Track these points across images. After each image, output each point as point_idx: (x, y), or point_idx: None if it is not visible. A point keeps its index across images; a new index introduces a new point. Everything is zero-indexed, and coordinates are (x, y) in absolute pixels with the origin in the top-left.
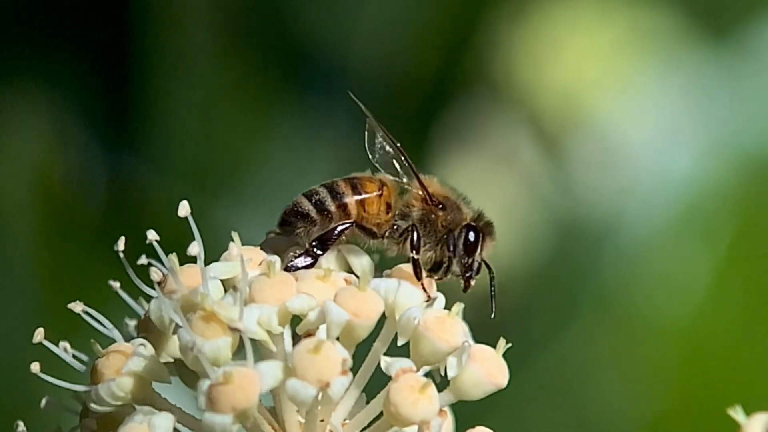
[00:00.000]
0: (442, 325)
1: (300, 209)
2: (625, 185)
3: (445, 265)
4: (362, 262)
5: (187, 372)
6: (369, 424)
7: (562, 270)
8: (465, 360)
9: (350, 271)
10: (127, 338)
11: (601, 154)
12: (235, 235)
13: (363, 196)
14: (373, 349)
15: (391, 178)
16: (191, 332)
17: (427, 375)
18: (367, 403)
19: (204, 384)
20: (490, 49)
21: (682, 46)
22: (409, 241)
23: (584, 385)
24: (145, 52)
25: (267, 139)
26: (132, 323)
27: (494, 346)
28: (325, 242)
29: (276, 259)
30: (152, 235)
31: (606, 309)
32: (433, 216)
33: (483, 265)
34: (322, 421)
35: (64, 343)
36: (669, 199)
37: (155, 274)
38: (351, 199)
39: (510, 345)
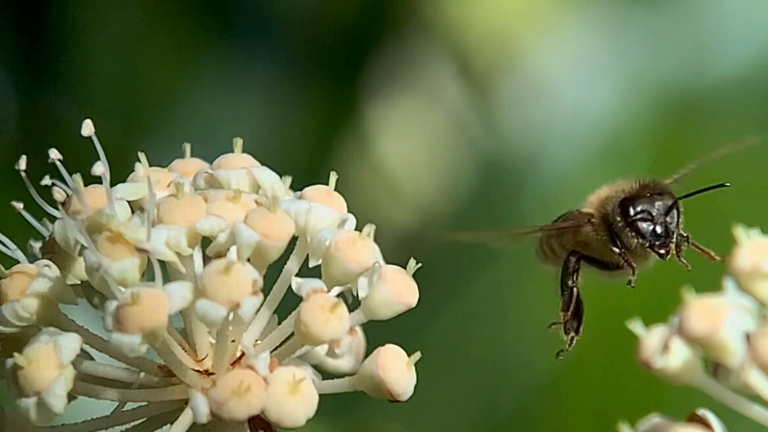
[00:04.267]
0: (353, 246)
1: None
2: (547, 122)
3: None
4: (273, 183)
5: (94, 293)
6: (280, 344)
7: (484, 207)
8: (375, 280)
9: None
10: (32, 260)
11: (524, 91)
12: (141, 156)
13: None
14: (284, 270)
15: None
16: (97, 253)
17: (339, 297)
18: (279, 323)
19: (111, 305)
20: None
21: None
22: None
23: (503, 326)
24: None
25: (194, 79)
26: (37, 245)
27: (418, 286)
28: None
29: (185, 180)
30: (55, 155)
31: (526, 249)
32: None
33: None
34: (233, 341)
35: None
36: (588, 136)
37: (58, 194)
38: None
39: (432, 282)
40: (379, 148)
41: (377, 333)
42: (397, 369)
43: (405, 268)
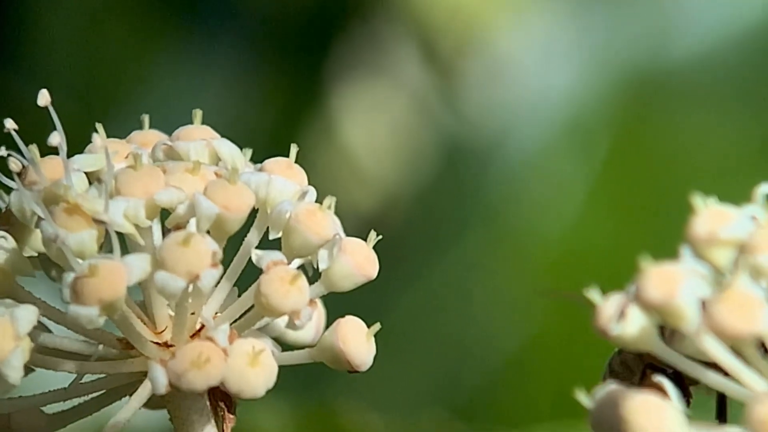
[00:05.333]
0: (313, 218)
1: None
2: (511, 103)
3: None
4: (233, 155)
5: (51, 265)
6: (241, 316)
7: (449, 188)
8: (336, 252)
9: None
10: None
11: (488, 73)
12: (99, 127)
13: None
14: (244, 243)
15: None
16: (54, 225)
17: (299, 269)
18: (240, 296)
19: (68, 277)
20: None
21: None
22: None
23: (466, 305)
24: None
25: (155, 59)
26: None
27: (380, 280)
28: None
29: (143, 152)
30: (10, 125)
31: (490, 229)
32: None
33: None
34: (192, 314)
35: None
36: (552, 116)
37: (14, 164)
38: None
39: (397, 261)
40: (343, 131)
41: (342, 311)
42: (356, 340)
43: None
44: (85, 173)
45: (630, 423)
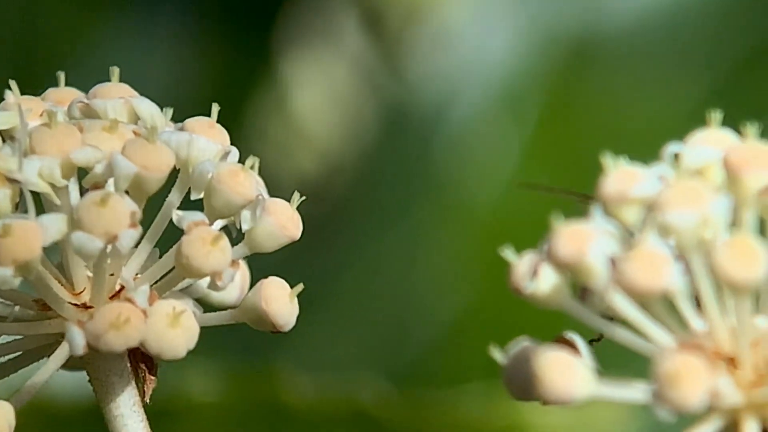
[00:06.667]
0: (236, 178)
1: None
2: (452, 70)
3: None
4: (152, 114)
5: None
6: (162, 278)
7: (391, 156)
8: (259, 213)
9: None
10: None
11: (430, 40)
12: (12, 84)
13: None
14: (165, 203)
15: None
16: None
17: (222, 230)
18: (161, 257)
19: None
20: None
21: None
22: None
23: (409, 271)
24: None
25: (98, 28)
26: None
27: (323, 247)
28: None
29: (59, 109)
30: None
31: (433, 196)
32: None
33: None
34: (112, 275)
35: None
36: (489, 83)
37: None
38: None
39: (340, 232)
40: (290, 98)
41: (283, 276)
42: (280, 301)
43: (314, 218)
44: None
45: (540, 378)
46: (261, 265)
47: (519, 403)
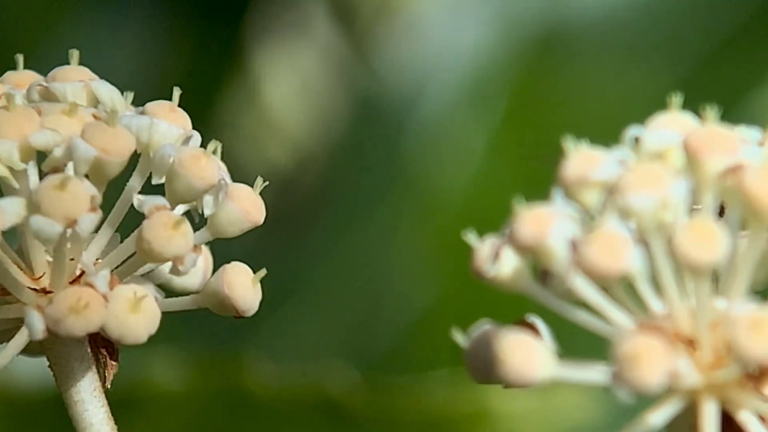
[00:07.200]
0: (198, 162)
1: None
2: (423, 62)
3: None
4: (112, 97)
5: None
6: (123, 263)
7: (363, 149)
8: (221, 198)
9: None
10: None
11: (401, 32)
12: None
13: None
14: (126, 188)
15: None
16: None
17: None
18: (122, 242)
19: None
20: None
21: None
22: None
23: (381, 262)
24: None
25: (66, 21)
26: None
27: (295, 238)
28: None
29: (17, 92)
30: None
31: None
32: None
33: None
34: (72, 260)
35: None
36: (458, 75)
37: None
38: None
39: (314, 224)
40: (261, 90)
41: (270, 274)
42: (242, 286)
43: (285, 210)
44: None
45: (501, 360)
46: (232, 255)
47: (485, 390)
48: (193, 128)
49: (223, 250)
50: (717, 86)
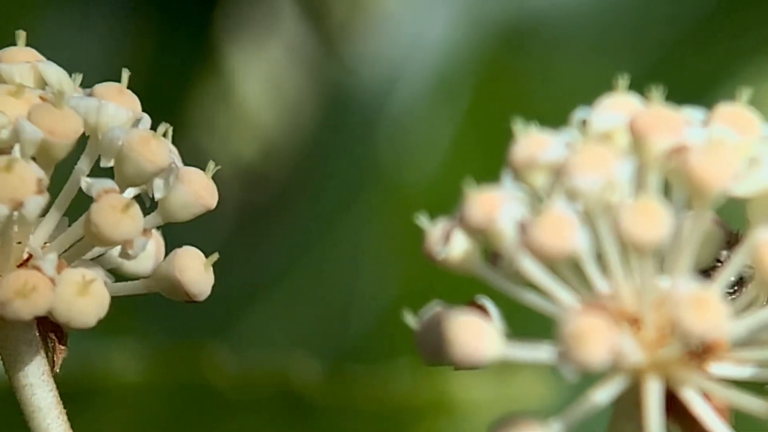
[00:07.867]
0: (147, 145)
1: None
2: (391, 56)
3: None
4: (60, 79)
5: None
6: (71, 247)
7: (333, 144)
8: (172, 181)
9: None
10: None
11: (370, 26)
12: None
13: None
14: (74, 171)
15: None
16: None
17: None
18: (70, 226)
19: None
20: None
21: None
22: None
23: (349, 261)
24: None
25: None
26: None
27: (266, 233)
28: None
29: None
30: None
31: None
32: None
33: None
34: (19, 243)
35: None
36: (426, 68)
37: None
38: None
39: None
40: (231, 86)
41: (241, 269)
42: (194, 270)
43: (256, 205)
44: None
45: (450, 341)
46: (203, 250)
47: (446, 378)
48: (164, 122)
49: (194, 244)
50: (682, 77)
